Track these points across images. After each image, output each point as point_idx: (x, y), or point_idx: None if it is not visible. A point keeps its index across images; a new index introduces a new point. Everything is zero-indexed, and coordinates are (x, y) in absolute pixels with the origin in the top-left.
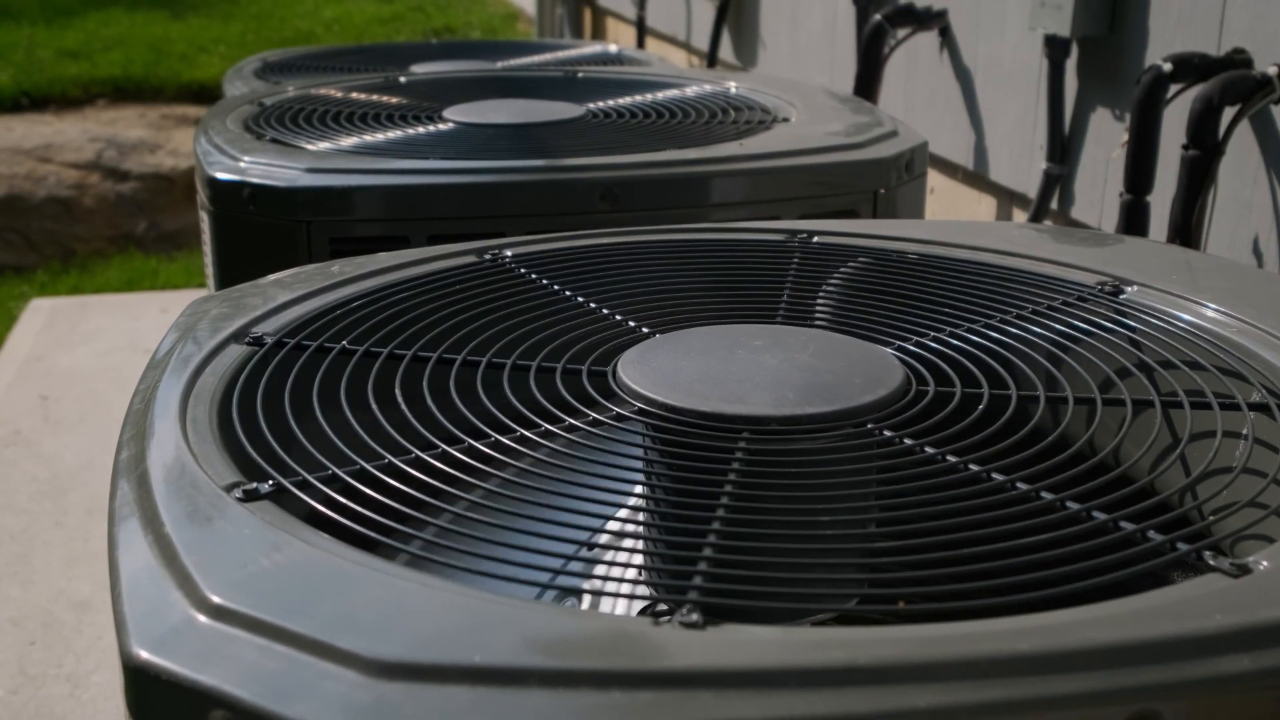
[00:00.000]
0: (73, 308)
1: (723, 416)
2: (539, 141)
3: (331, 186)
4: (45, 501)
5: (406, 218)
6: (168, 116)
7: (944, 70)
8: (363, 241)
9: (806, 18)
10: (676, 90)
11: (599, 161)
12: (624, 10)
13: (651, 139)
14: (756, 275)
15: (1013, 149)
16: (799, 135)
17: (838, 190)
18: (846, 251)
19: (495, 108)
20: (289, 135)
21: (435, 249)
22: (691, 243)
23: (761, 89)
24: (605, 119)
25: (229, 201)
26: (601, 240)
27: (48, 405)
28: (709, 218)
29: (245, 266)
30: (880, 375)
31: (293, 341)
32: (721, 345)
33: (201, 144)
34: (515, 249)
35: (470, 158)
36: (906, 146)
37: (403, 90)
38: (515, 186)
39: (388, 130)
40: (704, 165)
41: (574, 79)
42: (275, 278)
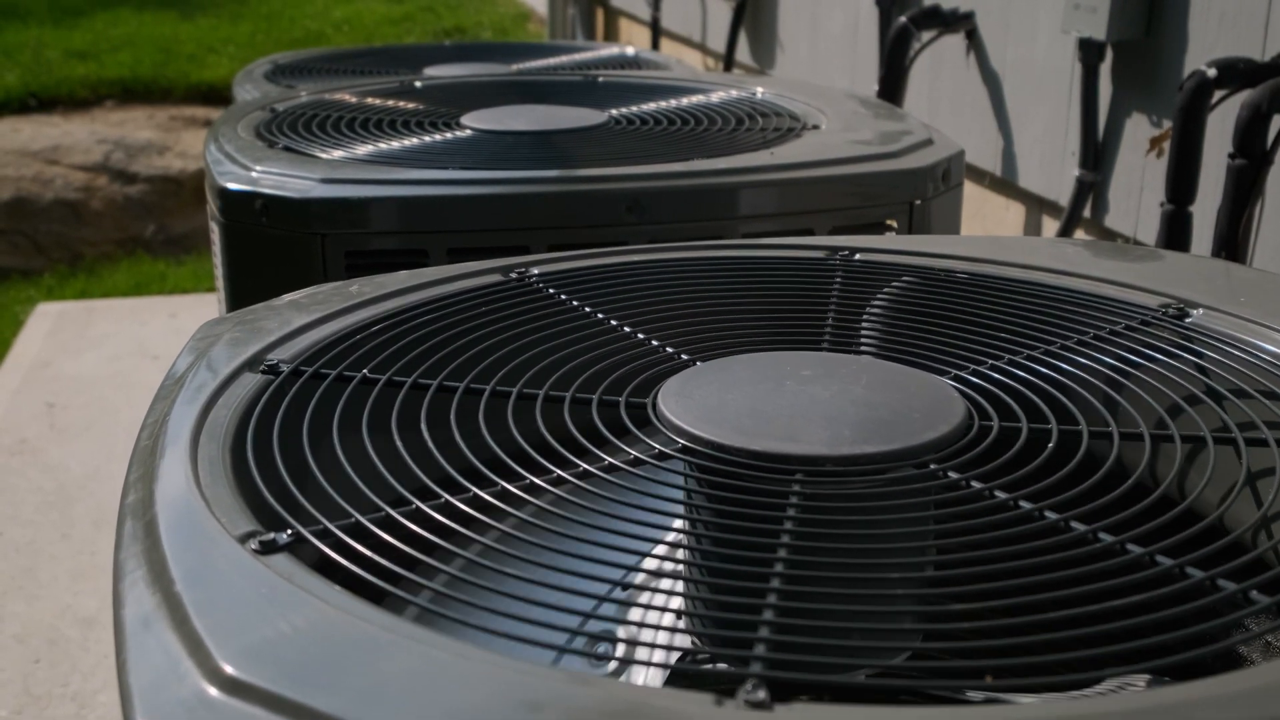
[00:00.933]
0: (80, 312)
1: (775, 456)
2: (561, 150)
3: (347, 198)
4: (52, 513)
5: (425, 230)
6: (176, 118)
7: (970, 74)
8: (379, 255)
9: (827, 20)
10: (701, 96)
11: (624, 172)
12: (637, 11)
13: (677, 147)
14: (798, 295)
15: (1043, 155)
16: (831, 144)
17: (873, 201)
18: (891, 270)
19: (514, 114)
20: (302, 143)
21: (458, 267)
22: (727, 260)
23: (789, 94)
24: (628, 126)
25: (240, 213)
26: (632, 258)
27: (54, 413)
28: (738, 230)
29: (257, 280)
30: (940, 409)
31: (310, 370)
32: (769, 375)
33: (212, 152)
34: (542, 267)
35: (490, 167)
36: (943, 155)
37: (419, 95)
38: (538, 198)
39: (404, 137)
40: (734, 176)
41: (594, 84)
42: (291, 298)
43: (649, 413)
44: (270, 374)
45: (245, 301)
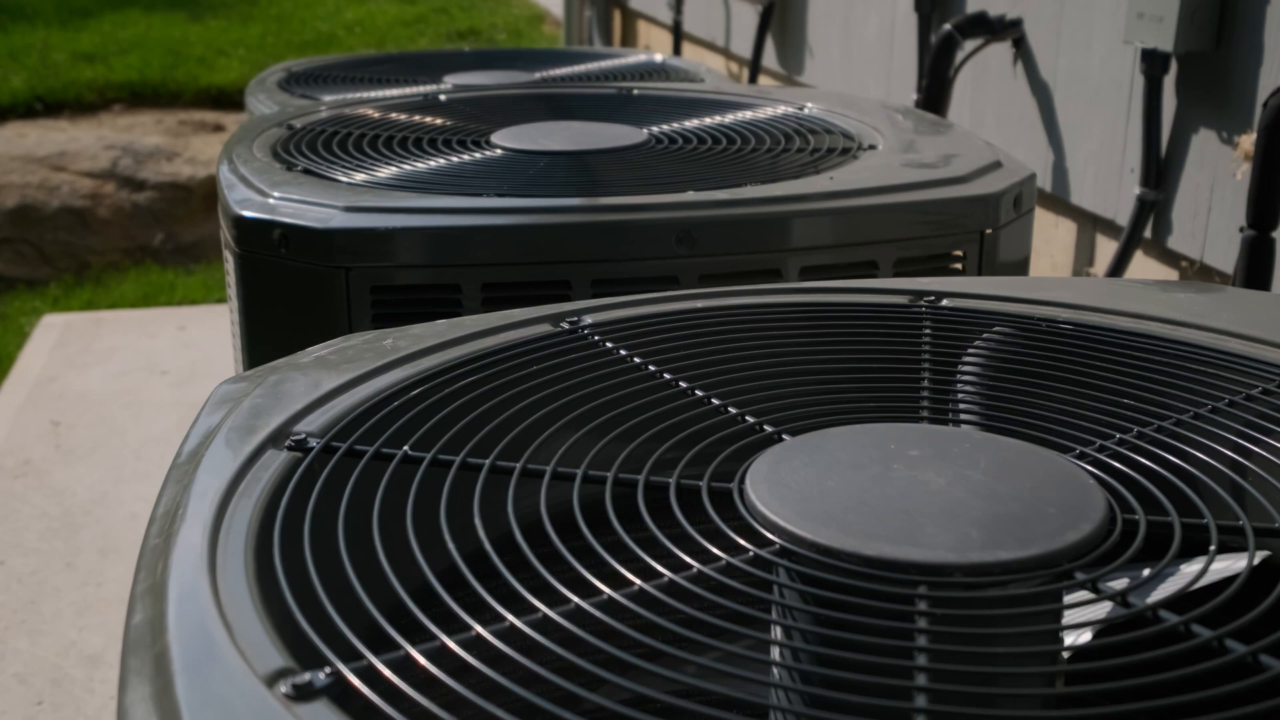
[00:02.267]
0: (86, 324)
1: (895, 563)
2: (601, 173)
3: (373, 229)
4: (56, 540)
5: (458, 264)
6: (185, 122)
7: (1018, 84)
8: (408, 290)
9: (860, 25)
10: (746, 112)
11: (673, 200)
12: (657, 13)
13: (726, 170)
14: (884, 349)
15: (1098, 171)
16: (893, 167)
17: (941, 231)
18: (984, 318)
19: (548, 132)
20: (322, 165)
21: (501, 316)
22: (800, 308)
23: (840, 111)
24: (670, 145)
25: (257, 242)
26: (694, 304)
27: (59, 432)
28: (795, 262)
29: (276, 314)
30: (1076, 501)
31: (343, 446)
32: (872, 456)
33: (226, 174)
34: (595, 315)
35: (527, 193)
36: (1015, 180)
37: (445, 110)
38: (580, 229)
39: (431, 158)
40: (791, 204)
41: (629, 97)
42: (318, 353)
43: (735, 499)
44: (298, 450)
45: (262, 338)
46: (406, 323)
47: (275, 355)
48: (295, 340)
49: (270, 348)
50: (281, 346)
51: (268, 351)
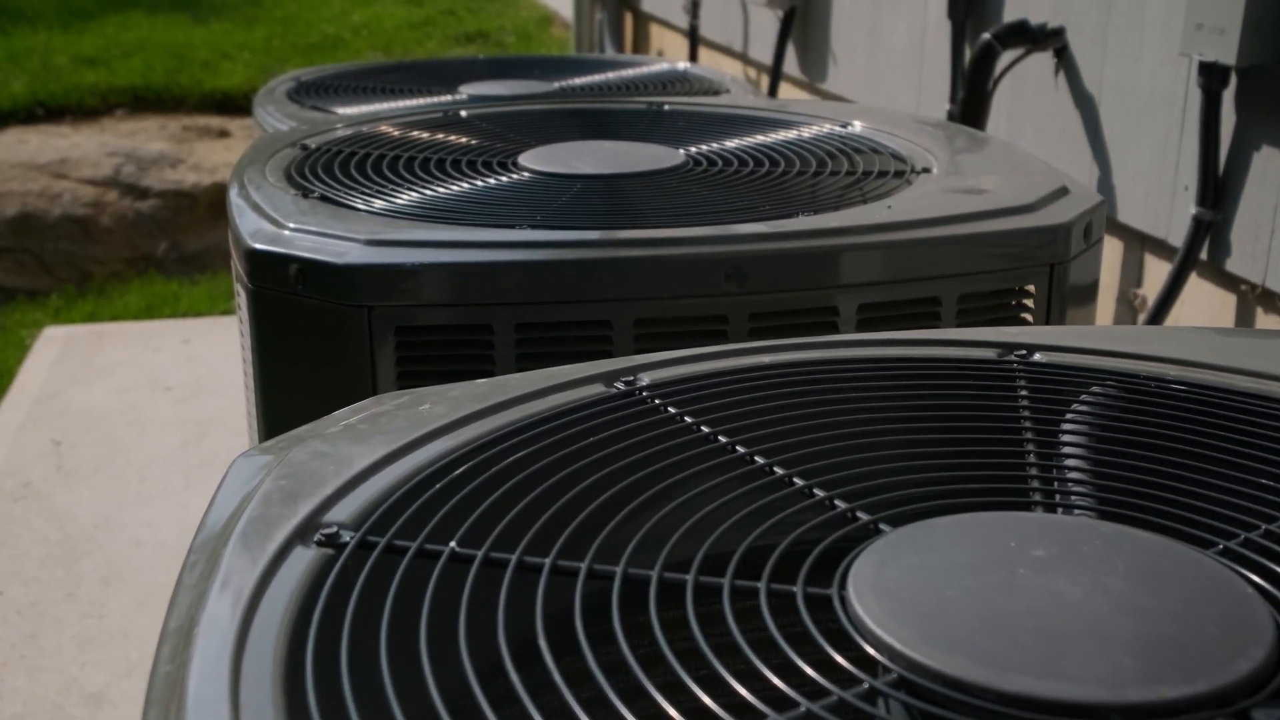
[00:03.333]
0: (89, 337)
1: (1039, 702)
2: (639, 200)
3: (398, 265)
4: (56, 569)
5: (490, 303)
6: (189, 128)
7: (1059, 96)
8: (436, 331)
9: (888, 31)
10: (789, 130)
11: (720, 232)
12: (670, 17)
13: (774, 198)
14: (977, 413)
15: (1148, 188)
16: (953, 194)
17: (1009, 265)
18: (1084, 376)
19: (578, 153)
20: (341, 191)
21: (549, 376)
22: (877, 364)
23: (888, 129)
24: (710, 168)
25: (271, 278)
26: (759, 359)
27: (60, 452)
28: (853, 299)
29: (292, 355)
30: (1237, 617)
31: (381, 541)
32: (990, 556)
33: (237, 201)
34: (652, 374)
35: (562, 224)
36: (1085, 207)
37: (467, 127)
38: (622, 265)
39: (456, 181)
40: (849, 236)
41: (660, 112)
42: (346, 421)
43: (836, 609)
44: (330, 546)
45: (278, 379)
46: (434, 365)
47: (292, 399)
48: (313, 382)
49: (286, 390)
50: (299, 389)
51: (283, 394)
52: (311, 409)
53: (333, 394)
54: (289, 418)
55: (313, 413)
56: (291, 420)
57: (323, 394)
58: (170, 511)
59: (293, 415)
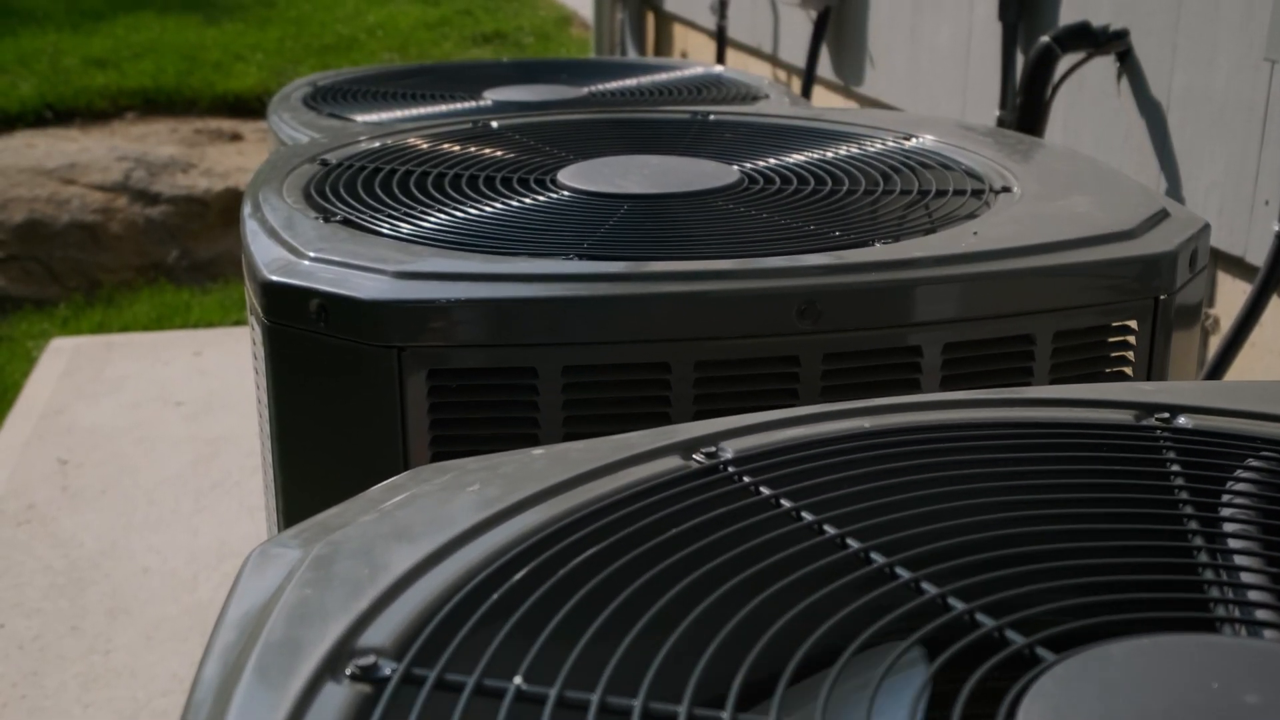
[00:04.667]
0: (97, 349)
1: None
2: (694, 225)
3: (432, 301)
4: (61, 599)
5: (534, 343)
6: (201, 131)
7: (1122, 102)
8: (474, 375)
9: (931, 33)
10: (849, 145)
11: (791, 264)
12: (695, 17)
13: (843, 221)
14: (1123, 495)
15: (1223, 202)
16: (1042, 218)
17: (1110, 298)
18: (1244, 445)
19: (622, 169)
20: (365, 214)
21: (616, 447)
22: (996, 428)
23: (956, 143)
24: (767, 186)
25: (290, 314)
26: (859, 424)
27: (67, 472)
28: (939, 337)
29: (313, 401)
30: None
31: (430, 675)
32: (1192, 703)
33: (252, 226)
34: (736, 442)
35: (612, 253)
36: (1190, 233)
37: (499, 140)
38: (683, 301)
39: (491, 201)
40: (933, 268)
41: (705, 123)
42: (381, 504)
43: None
44: (367, 682)
45: (297, 425)
46: (471, 412)
47: (312, 448)
48: (337, 430)
49: (306, 438)
50: (320, 437)
51: (303, 442)
52: (335, 460)
53: (359, 443)
54: (309, 470)
55: (336, 464)
56: (312, 474)
57: (347, 443)
58: (180, 536)
59: (313, 467)
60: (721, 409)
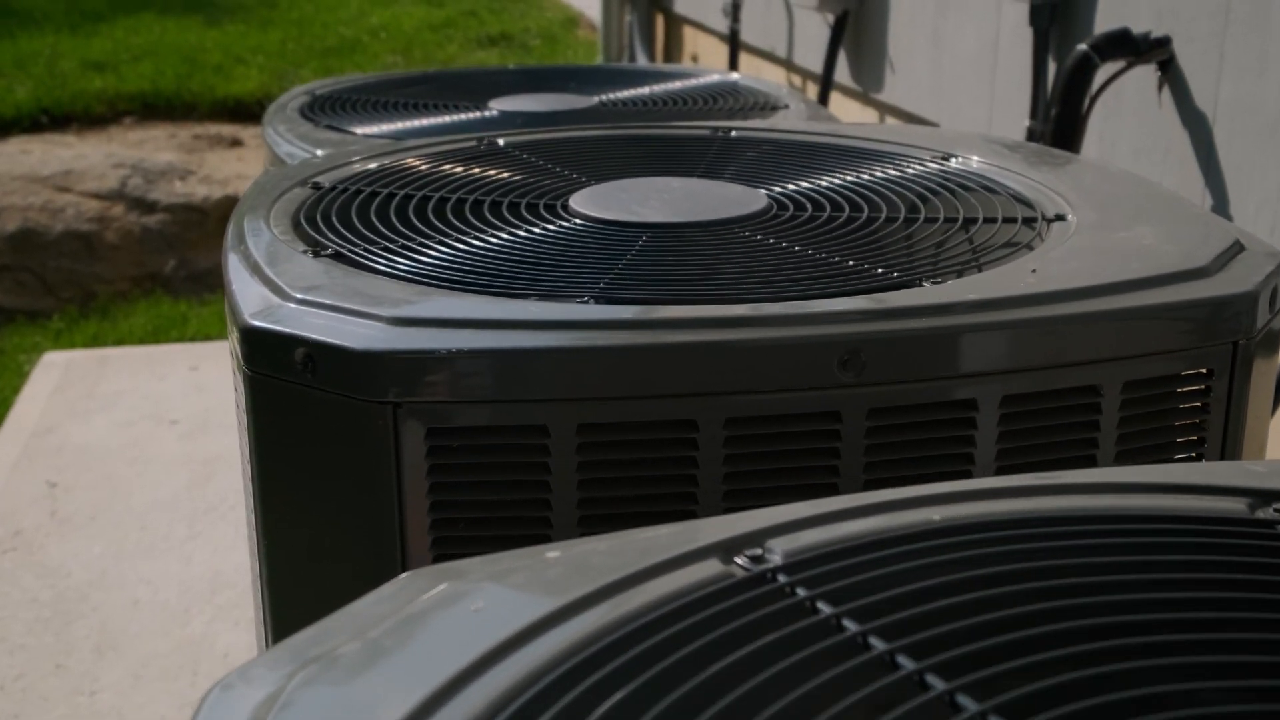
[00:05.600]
0: (90, 363)
1: None
2: (721, 259)
3: (432, 351)
4: (45, 634)
5: (547, 399)
6: (200, 137)
7: (1163, 113)
8: (478, 434)
9: (955, 37)
10: (885, 165)
11: (831, 308)
12: (707, 20)
13: (886, 256)
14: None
15: (1275, 220)
16: (1105, 252)
17: (1185, 344)
18: None
19: (641, 193)
20: (359, 247)
21: (645, 548)
22: (1086, 523)
23: (999, 163)
24: (798, 214)
25: (273, 364)
26: (927, 516)
27: (56, 495)
28: (996, 390)
29: (299, 461)
30: None
31: None
32: None
33: (234, 262)
34: (786, 541)
35: (632, 294)
36: (1270, 268)
37: (507, 159)
38: (713, 351)
39: (497, 231)
40: (989, 311)
41: (728, 140)
42: (369, 630)
43: None
44: None
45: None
46: (475, 474)
47: (298, 510)
48: (325, 494)
49: (292, 502)
50: (307, 501)
51: (288, 507)
52: (324, 525)
53: (350, 508)
54: (296, 535)
55: (325, 530)
56: (298, 539)
57: (338, 507)
58: (172, 566)
59: (300, 531)
60: (754, 469)
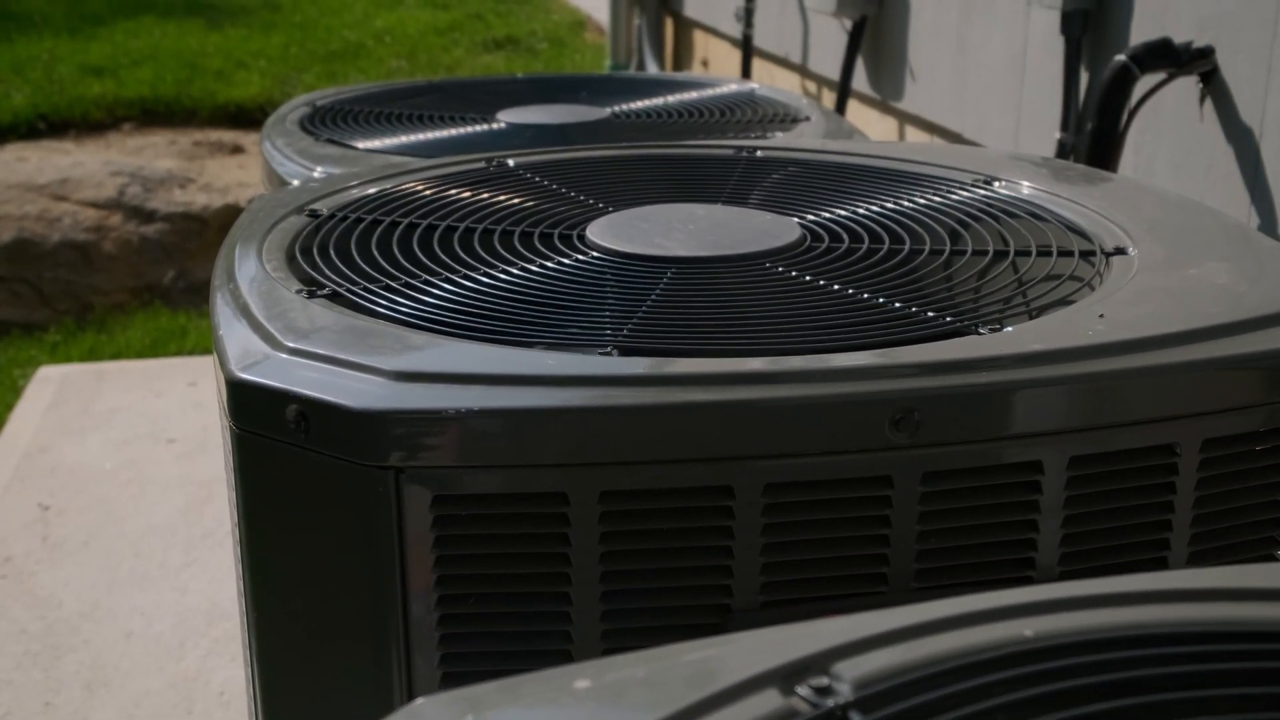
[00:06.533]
0: (86, 379)
1: None
2: (754, 299)
3: (439, 412)
4: (35, 669)
5: (565, 463)
6: (201, 143)
7: (1206, 127)
8: (490, 502)
9: (981, 45)
10: (926, 191)
11: (880, 361)
12: (718, 24)
13: (931, 296)
14: None
15: None
16: (1176, 294)
17: (1270, 398)
18: None
19: (663, 222)
20: (358, 285)
21: (690, 675)
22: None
23: (1050, 188)
24: (834, 246)
25: (263, 421)
26: (1016, 633)
27: (48, 519)
28: (1063, 451)
29: (291, 529)
30: None
31: None
32: None
33: (221, 301)
34: (852, 667)
35: (657, 341)
36: None
37: (518, 183)
38: (750, 410)
39: (508, 265)
40: (1055, 365)
41: (753, 160)
42: None
43: None
44: None
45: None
46: (486, 547)
47: (291, 583)
48: (320, 567)
49: (283, 574)
50: (300, 575)
51: (280, 580)
52: (319, 600)
53: (348, 583)
54: (289, 608)
55: (320, 605)
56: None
57: (334, 581)
58: (166, 596)
59: (294, 602)
60: (796, 540)
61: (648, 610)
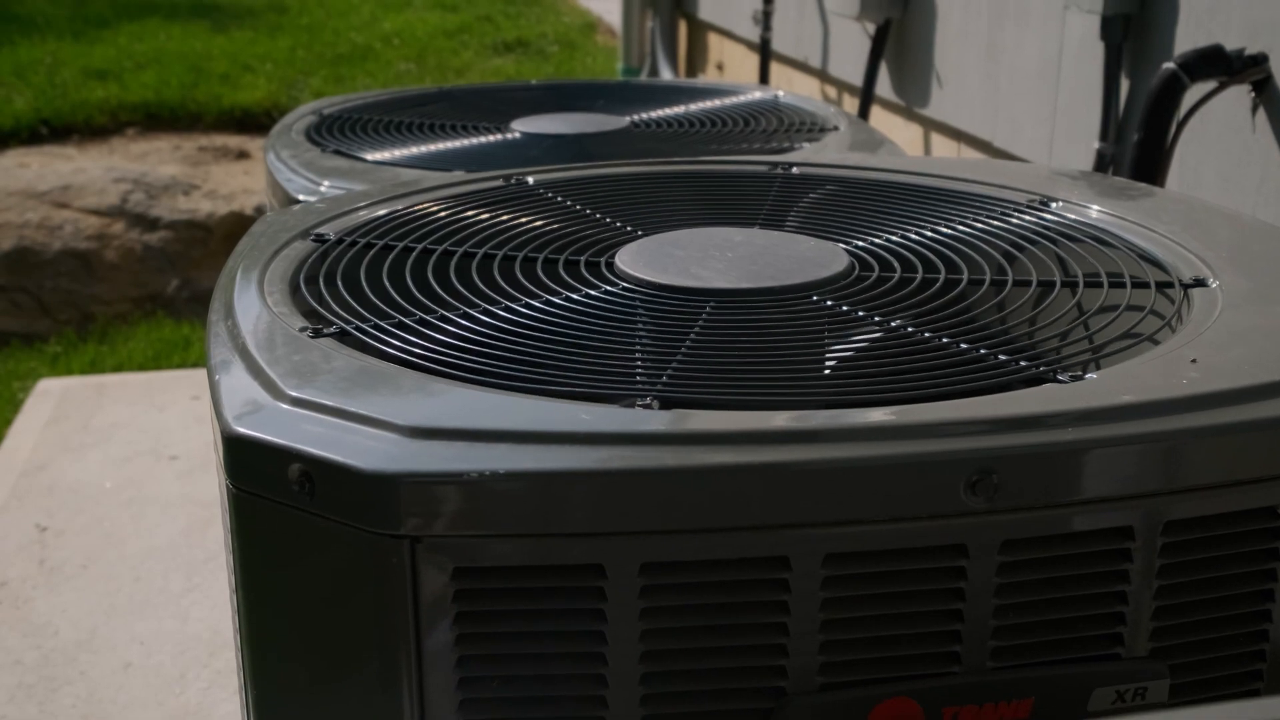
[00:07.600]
0: (87, 392)
1: None
2: (803, 342)
3: (460, 475)
4: (29, 703)
5: (601, 532)
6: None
7: (1258, 138)
8: (516, 575)
9: (1012, 50)
10: (980, 213)
11: (953, 415)
12: (734, 27)
13: (1000, 336)
14: None
15: None
16: (1275, 335)
17: None
18: None
19: (699, 249)
20: (369, 322)
21: None
22: None
23: (1112, 210)
24: (886, 276)
25: (262, 481)
26: None
27: (45, 541)
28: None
29: (293, 600)
30: None
31: None
32: None
33: (215, 337)
34: None
35: (699, 389)
36: None
37: (538, 203)
38: (809, 472)
39: (533, 298)
40: (1146, 419)
41: (789, 178)
42: None
43: None
44: None
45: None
46: (513, 624)
47: (290, 658)
48: (325, 640)
49: (284, 644)
50: (302, 647)
51: (280, 650)
52: (325, 679)
53: (356, 662)
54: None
55: (325, 687)
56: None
57: (341, 656)
58: (167, 623)
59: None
60: (859, 616)
61: (693, 694)
